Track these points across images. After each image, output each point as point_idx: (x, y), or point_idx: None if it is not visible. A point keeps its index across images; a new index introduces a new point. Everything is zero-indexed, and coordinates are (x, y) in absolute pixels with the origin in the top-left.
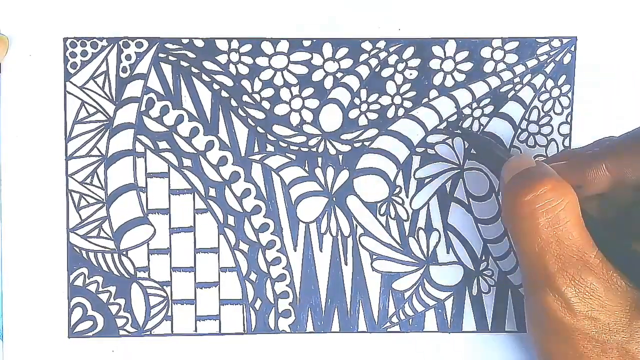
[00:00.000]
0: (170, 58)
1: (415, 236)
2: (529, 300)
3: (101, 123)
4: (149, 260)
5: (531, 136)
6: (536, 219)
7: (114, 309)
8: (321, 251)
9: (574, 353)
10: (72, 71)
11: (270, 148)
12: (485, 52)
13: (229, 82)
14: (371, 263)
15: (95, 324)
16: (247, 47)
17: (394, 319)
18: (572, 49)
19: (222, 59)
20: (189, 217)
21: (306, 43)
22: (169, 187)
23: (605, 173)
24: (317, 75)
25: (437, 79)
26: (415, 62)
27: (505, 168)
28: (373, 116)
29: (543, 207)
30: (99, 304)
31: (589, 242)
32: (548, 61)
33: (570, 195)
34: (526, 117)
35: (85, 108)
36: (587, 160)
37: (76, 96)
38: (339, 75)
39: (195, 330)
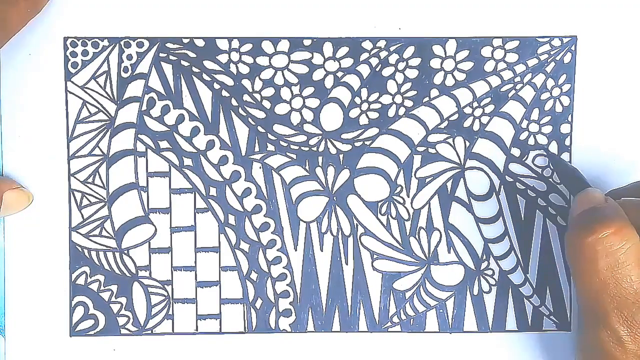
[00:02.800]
0: (171, 58)
1: (416, 236)
2: (584, 333)
3: (102, 123)
4: (150, 259)
5: (532, 135)
6: (596, 261)
7: (115, 307)
8: (322, 251)
9: None
10: (73, 71)
11: (270, 147)
12: (486, 51)
13: (229, 82)
14: (372, 263)
15: (97, 322)
16: (247, 47)
17: (395, 319)
18: (573, 48)
19: (223, 58)
20: (189, 217)
21: (307, 42)
22: (170, 186)
23: None
24: (317, 75)
25: (438, 78)
26: (415, 61)
27: (576, 200)
28: (374, 115)
29: (604, 250)
30: (101, 303)
31: None
32: (548, 60)
33: (633, 238)
34: (527, 116)
35: (87, 108)
36: None
37: (77, 96)
38: (339, 74)
39: (196, 329)
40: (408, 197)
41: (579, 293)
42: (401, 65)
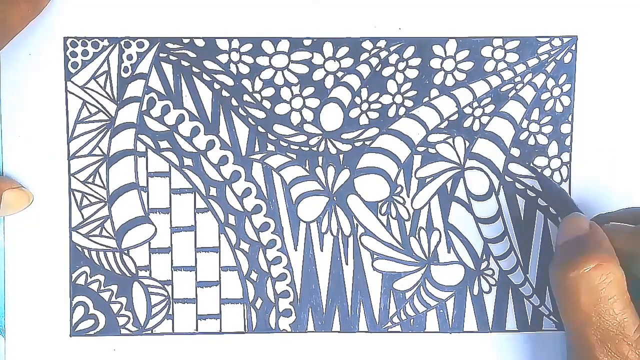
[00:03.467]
0: (171, 58)
1: (416, 236)
2: None
3: (103, 123)
4: (150, 259)
5: (532, 135)
6: (578, 296)
7: (115, 307)
8: (322, 251)
9: None
10: (73, 71)
11: (270, 147)
12: (486, 51)
13: (229, 82)
14: (372, 263)
15: (97, 322)
16: (247, 47)
17: (395, 319)
18: (573, 48)
19: (223, 58)
20: (189, 217)
21: (307, 42)
22: (170, 186)
23: None
24: (317, 75)
25: (438, 78)
26: (416, 61)
27: (561, 226)
28: (374, 115)
29: (586, 285)
30: (101, 303)
31: (631, 317)
32: (549, 60)
33: (616, 272)
34: (527, 116)
35: (87, 108)
36: None
37: (77, 96)
38: (339, 74)
39: (196, 329)
40: (408, 197)
41: (565, 323)
42: (401, 65)
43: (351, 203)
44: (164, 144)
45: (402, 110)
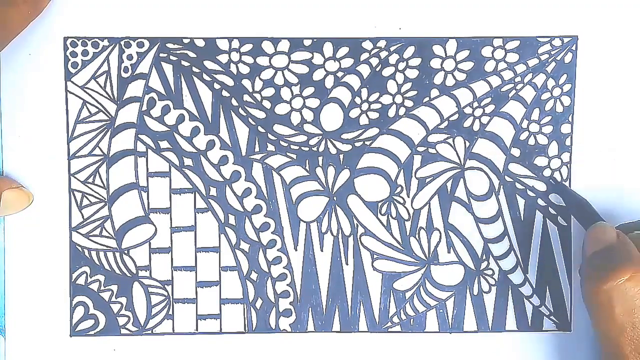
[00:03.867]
0: (171, 58)
1: (416, 236)
2: None
3: (103, 123)
4: (150, 259)
5: (532, 135)
6: (612, 307)
7: (115, 307)
8: (322, 251)
9: None
10: (73, 71)
11: (271, 147)
12: (486, 51)
13: (229, 82)
14: (372, 263)
15: (97, 322)
16: (247, 47)
17: (395, 319)
18: (573, 48)
19: (223, 58)
20: (190, 217)
21: (307, 42)
22: (170, 186)
23: None
24: (317, 75)
25: (438, 78)
26: (416, 61)
27: (588, 236)
28: (374, 115)
29: (620, 296)
30: (101, 303)
31: None
32: (549, 60)
33: None
34: (527, 116)
35: (87, 108)
36: None
37: (78, 96)
38: (339, 74)
39: (196, 329)
40: (408, 197)
41: (597, 334)
42: (401, 65)
43: (351, 203)
44: (164, 144)
45: (402, 110)
